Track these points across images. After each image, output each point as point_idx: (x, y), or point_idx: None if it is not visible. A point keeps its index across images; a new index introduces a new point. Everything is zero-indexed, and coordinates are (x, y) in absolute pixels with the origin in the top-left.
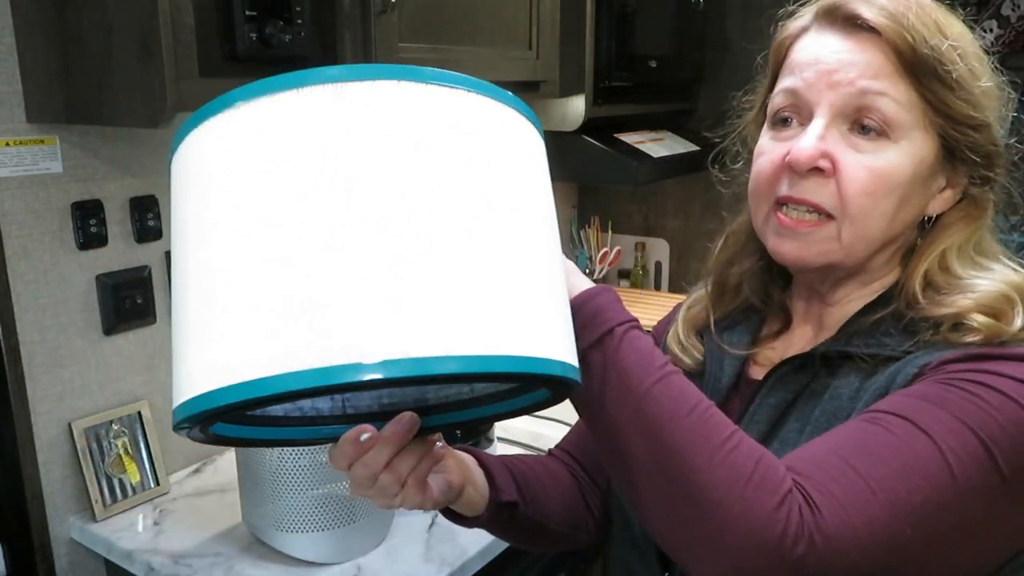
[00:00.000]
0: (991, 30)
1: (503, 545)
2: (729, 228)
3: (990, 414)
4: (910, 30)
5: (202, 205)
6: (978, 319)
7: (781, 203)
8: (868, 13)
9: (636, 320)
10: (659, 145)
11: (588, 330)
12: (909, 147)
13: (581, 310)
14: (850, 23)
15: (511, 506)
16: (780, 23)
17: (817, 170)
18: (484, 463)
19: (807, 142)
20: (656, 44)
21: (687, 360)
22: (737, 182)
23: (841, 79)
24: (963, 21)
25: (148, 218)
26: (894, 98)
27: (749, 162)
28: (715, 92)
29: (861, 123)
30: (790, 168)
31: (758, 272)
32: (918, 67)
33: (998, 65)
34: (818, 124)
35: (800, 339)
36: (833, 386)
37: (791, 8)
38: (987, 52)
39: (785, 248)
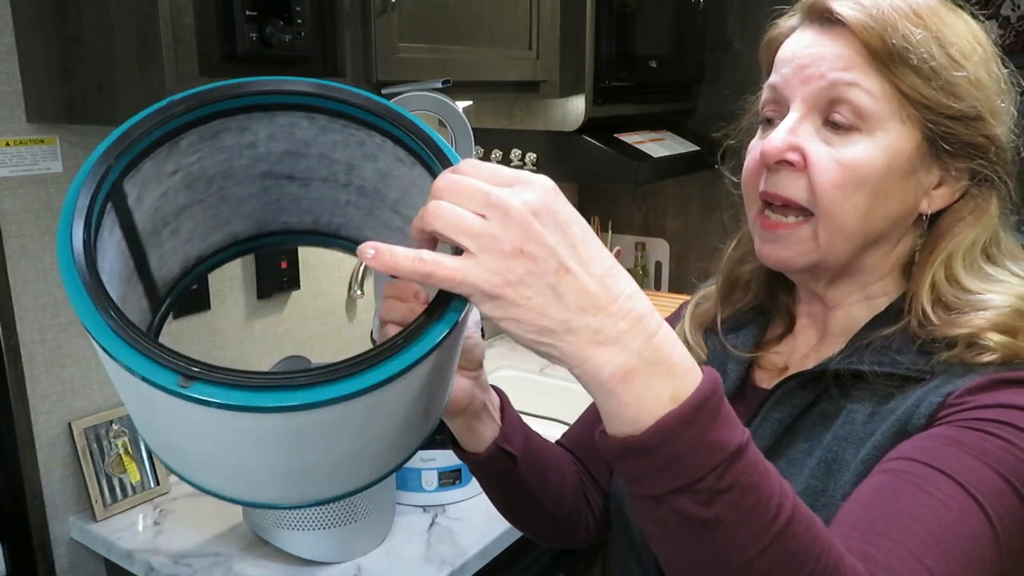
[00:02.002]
0: (991, 31)
1: (503, 545)
2: (744, 228)
3: (1020, 459)
4: (880, 20)
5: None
6: (994, 338)
7: (765, 202)
8: (839, 6)
9: (746, 436)
10: (659, 145)
11: (691, 462)
12: (884, 139)
13: (669, 442)
14: (824, 18)
15: (511, 459)
16: (772, 23)
17: (788, 164)
18: (504, 408)
19: (776, 135)
20: (656, 44)
21: None
22: None
23: (812, 73)
24: (969, 13)
25: None
26: (865, 89)
27: None
28: (715, 92)
29: (833, 116)
30: (764, 162)
31: (767, 271)
32: (889, 57)
33: (1004, 57)
34: (791, 118)
35: (804, 344)
36: (846, 409)
37: (783, 9)
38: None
39: (767, 251)
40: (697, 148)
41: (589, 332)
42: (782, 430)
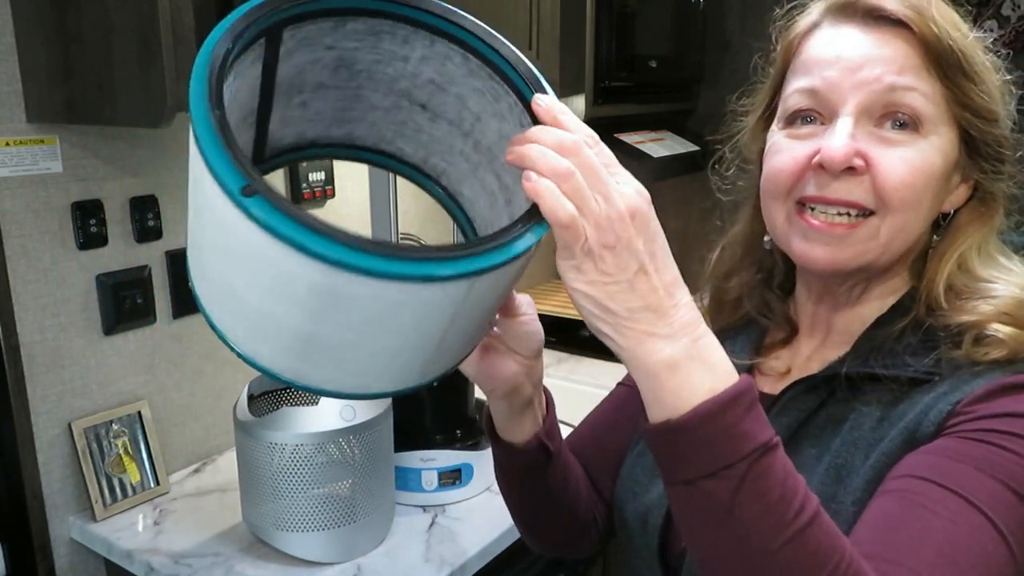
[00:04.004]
0: (991, 30)
1: (503, 545)
2: (724, 240)
3: None
4: (935, 22)
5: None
6: (1002, 330)
7: (805, 204)
8: (892, 5)
9: (777, 438)
10: (659, 145)
11: (712, 453)
12: (938, 141)
13: (703, 427)
14: (871, 16)
15: (547, 456)
16: (785, 20)
17: (850, 169)
18: (549, 409)
19: (839, 141)
20: (656, 44)
21: None
22: (735, 189)
23: (867, 76)
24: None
25: (148, 218)
26: (922, 93)
27: (744, 169)
28: (715, 92)
29: (890, 119)
30: (820, 168)
31: (757, 285)
32: (944, 60)
33: (1004, 60)
34: (847, 122)
35: (807, 347)
36: (854, 413)
37: (795, 3)
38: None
39: (817, 253)
40: (697, 148)
41: (646, 324)
42: (789, 435)
